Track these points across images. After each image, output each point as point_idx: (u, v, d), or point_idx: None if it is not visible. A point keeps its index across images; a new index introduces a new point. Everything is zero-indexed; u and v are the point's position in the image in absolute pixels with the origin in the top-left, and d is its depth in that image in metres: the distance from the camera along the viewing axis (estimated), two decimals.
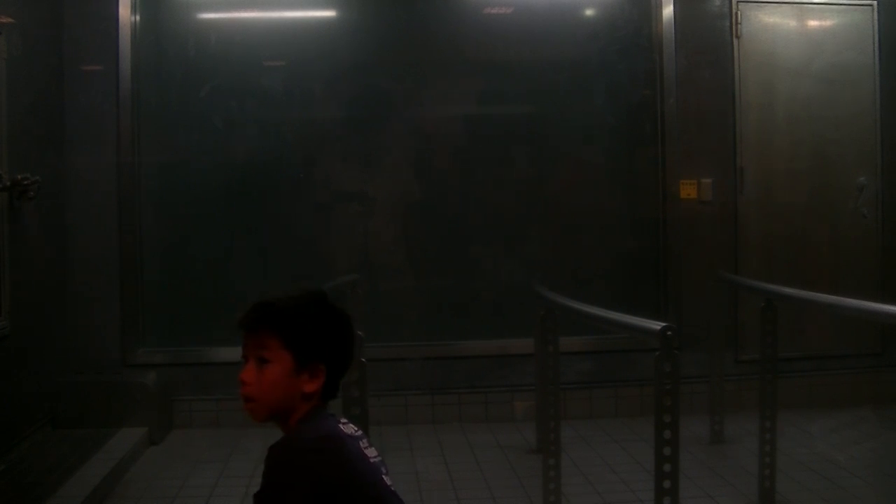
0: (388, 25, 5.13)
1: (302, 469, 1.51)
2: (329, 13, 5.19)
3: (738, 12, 5.16)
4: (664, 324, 2.68)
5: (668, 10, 5.11)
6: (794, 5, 5.25)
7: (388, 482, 1.61)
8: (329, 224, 5.14)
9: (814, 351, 5.15)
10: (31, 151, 4.27)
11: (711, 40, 5.17)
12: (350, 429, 1.63)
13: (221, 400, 4.87)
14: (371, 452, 1.62)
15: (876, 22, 5.27)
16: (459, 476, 4.06)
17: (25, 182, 3.98)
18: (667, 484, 2.64)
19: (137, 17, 4.88)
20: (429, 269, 5.17)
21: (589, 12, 5.29)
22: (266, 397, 1.61)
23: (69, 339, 4.76)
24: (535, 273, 4.75)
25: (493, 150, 5.22)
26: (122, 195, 4.85)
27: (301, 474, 1.50)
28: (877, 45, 5.26)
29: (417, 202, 5.18)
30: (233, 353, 5.66)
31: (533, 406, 4.54)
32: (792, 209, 5.26)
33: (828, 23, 5.29)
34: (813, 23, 5.29)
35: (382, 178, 5.16)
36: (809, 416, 4.82)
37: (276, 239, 5.04)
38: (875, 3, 5.27)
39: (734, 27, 5.16)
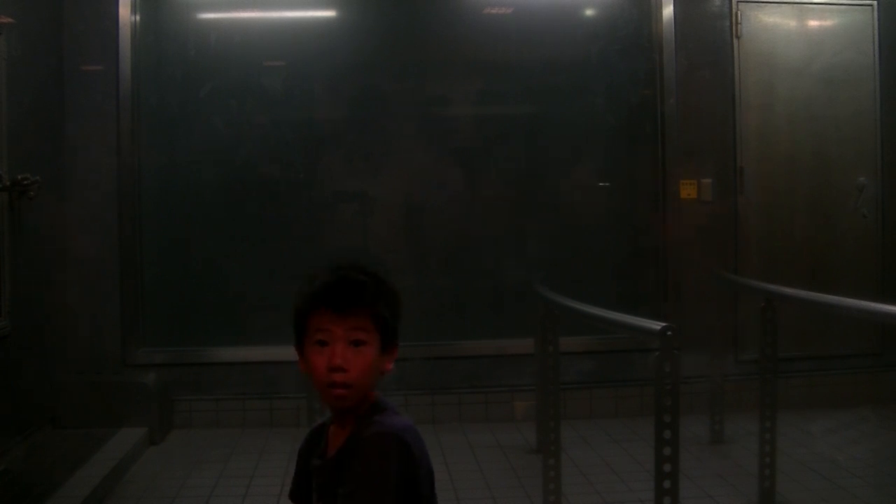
0: (388, 25, 5.13)
1: (402, 454, 1.50)
2: (329, 13, 5.19)
3: (738, 12, 5.16)
4: (664, 324, 2.68)
5: (668, 10, 5.11)
6: (794, 5, 5.25)
7: None
8: (329, 224, 5.13)
9: (814, 351, 5.15)
10: (31, 151, 4.27)
11: (711, 40, 5.17)
12: None
13: (221, 400, 4.88)
14: None
15: (876, 22, 5.27)
16: (459, 476, 4.06)
17: (25, 182, 3.98)
18: (667, 484, 2.64)
19: (137, 17, 4.89)
20: (429, 268, 5.18)
21: (589, 12, 5.29)
22: (363, 382, 1.54)
23: (69, 339, 4.76)
24: (535, 273, 4.75)
25: (493, 150, 5.22)
26: (122, 195, 4.85)
27: (402, 460, 1.50)
28: (877, 45, 5.26)
29: (417, 202, 5.18)
30: (233, 353, 5.63)
31: (533, 406, 4.54)
32: (792, 209, 5.27)
33: (828, 23, 5.29)
34: (813, 23, 5.29)
35: (382, 178, 5.16)
36: (809, 416, 4.82)
37: (275, 239, 5.04)
38: (875, 3, 5.27)
39: (734, 27, 5.16)
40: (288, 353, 1.61)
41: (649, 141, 5.19)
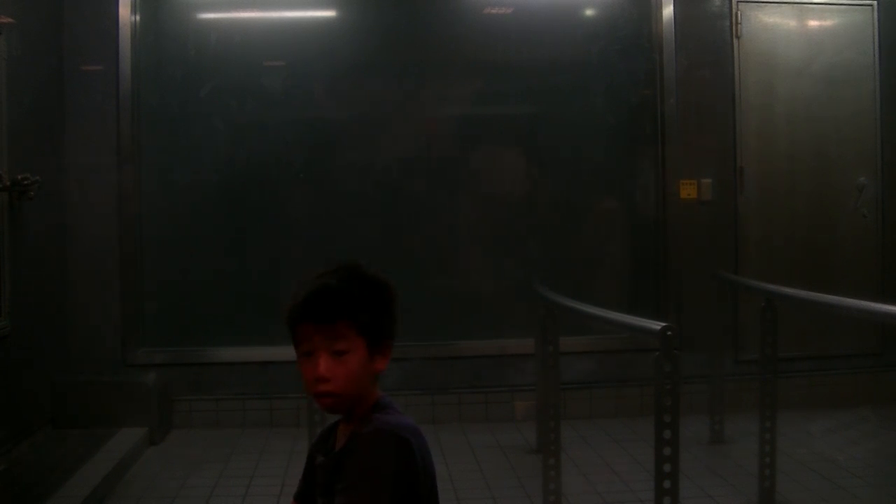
0: (388, 25, 5.13)
1: (400, 451, 1.50)
2: (329, 13, 5.19)
3: (738, 12, 5.16)
4: (664, 324, 2.68)
5: (668, 10, 5.11)
6: (794, 5, 5.25)
7: None
8: (328, 223, 5.13)
9: (814, 351, 5.15)
10: (31, 151, 4.27)
11: (711, 40, 5.17)
12: None
13: (221, 400, 4.88)
14: None
15: (876, 22, 5.27)
16: (459, 476, 4.06)
17: (25, 182, 3.98)
18: (667, 484, 2.64)
19: (137, 17, 4.89)
20: (429, 268, 5.17)
21: (589, 12, 5.29)
22: (349, 390, 1.54)
23: (69, 339, 4.76)
24: (536, 273, 4.75)
25: (494, 150, 5.22)
26: (122, 195, 4.85)
27: (400, 457, 1.49)
28: (877, 45, 5.27)
29: (417, 202, 5.18)
30: (232, 353, 5.63)
31: (533, 406, 4.54)
32: (792, 209, 5.27)
33: (828, 23, 5.30)
34: (813, 23, 5.29)
35: (382, 178, 5.17)
36: (809, 416, 4.82)
37: (275, 239, 5.04)
38: (875, 3, 5.27)
39: (734, 27, 5.16)
40: (288, 353, 1.61)
41: (649, 141, 5.20)
